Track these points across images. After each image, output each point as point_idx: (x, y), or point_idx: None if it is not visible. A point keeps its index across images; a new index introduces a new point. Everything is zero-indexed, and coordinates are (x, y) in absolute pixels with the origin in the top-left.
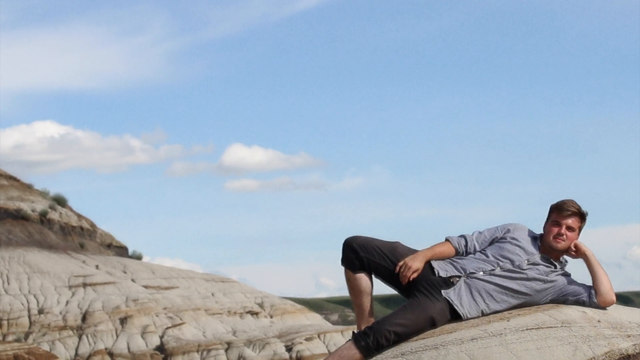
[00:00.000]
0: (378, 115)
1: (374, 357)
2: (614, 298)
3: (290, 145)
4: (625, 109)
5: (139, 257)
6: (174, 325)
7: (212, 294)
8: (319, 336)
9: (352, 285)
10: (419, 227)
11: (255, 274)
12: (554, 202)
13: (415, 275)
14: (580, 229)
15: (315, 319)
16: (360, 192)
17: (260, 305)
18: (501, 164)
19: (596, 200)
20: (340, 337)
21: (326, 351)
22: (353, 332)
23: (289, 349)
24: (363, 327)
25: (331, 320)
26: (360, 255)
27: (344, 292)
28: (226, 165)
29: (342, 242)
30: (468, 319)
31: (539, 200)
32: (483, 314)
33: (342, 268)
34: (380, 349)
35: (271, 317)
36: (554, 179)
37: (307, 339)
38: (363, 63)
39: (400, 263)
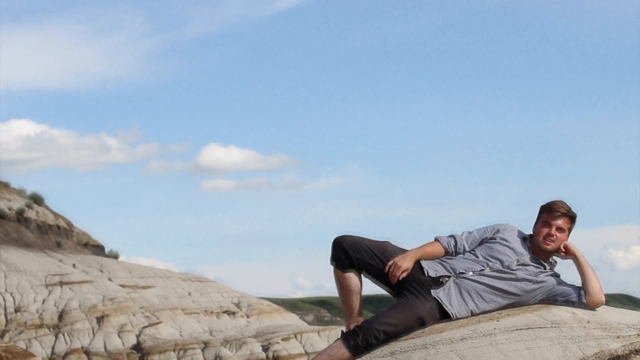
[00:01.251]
0: (354, 115)
1: (363, 357)
2: (604, 299)
3: (266, 145)
4: (605, 110)
5: (115, 256)
6: (151, 325)
7: (189, 294)
8: (295, 336)
9: (341, 284)
10: (395, 227)
11: (231, 273)
12: (537, 203)
13: (404, 274)
14: (570, 230)
15: (292, 319)
16: (336, 192)
17: (237, 305)
18: (478, 164)
19: (573, 202)
20: (317, 337)
21: (303, 351)
22: (342, 331)
23: (265, 348)
24: (352, 326)
25: (307, 320)
26: (350, 255)
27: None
28: (202, 165)
29: (332, 241)
30: (457, 318)
31: (516, 201)
32: (472, 314)
33: (319, 268)
34: (369, 348)
35: (248, 317)
36: (532, 180)
37: (284, 339)
38: (340, 63)
39: (390, 262)
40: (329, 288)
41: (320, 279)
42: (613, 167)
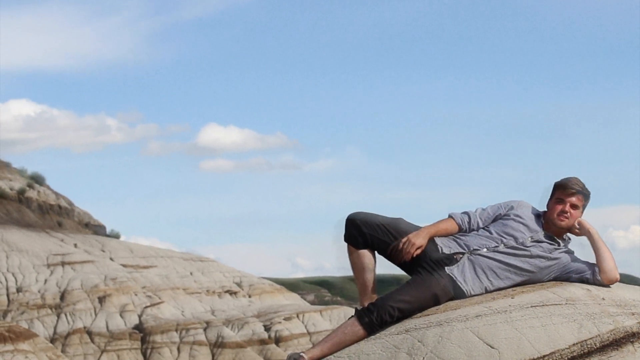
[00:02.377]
0: (353, 97)
1: (378, 334)
2: (618, 276)
3: (265, 125)
4: (604, 92)
5: (116, 236)
6: (153, 305)
7: (191, 273)
8: (297, 316)
9: (354, 262)
10: (392, 209)
11: (230, 254)
12: (536, 185)
13: (418, 251)
14: (584, 207)
15: (293, 299)
16: (334, 173)
17: (239, 284)
18: (477, 148)
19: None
20: (319, 317)
21: (305, 331)
22: (356, 309)
23: (267, 328)
24: (366, 304)
25: (307, 301)
26: (363, 232)
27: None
28: (201, 145)
29: (345, 218)
30: (471, 295)
31: (515, 184)
32: (487, 291)
33: (318, 249)
34: (383, 325)
35: (250, 296)
36: (531, 162)
37: (285, 319)
38: (339, 44)
39: (404, 239)
40: (329, 268)
41: (320, 260)
42: (612, 149)
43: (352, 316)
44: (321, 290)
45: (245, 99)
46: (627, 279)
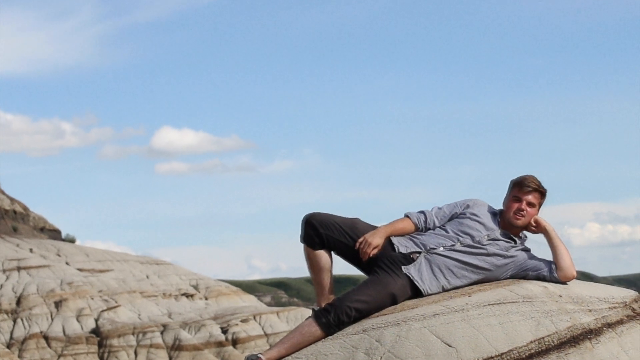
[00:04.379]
0: (308, 97)
1: (335, 334)
2: (575, 273)
3: (220, 127)
4: (560, 89)
5: (72, 240)
6: (109, 308)
7: (147, 277)
8: (254, 317)
9: (311, 262)
10: (349, 209)
11: (187, 256)
12: (492, 182)
13: (375, 251)
14: (540, 205)
15: (250, 301)
16: (290, 175)
17: (195, 287)
18: (430, 145)
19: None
20: (276, 318)
21: (262, 332)
22: (313, 309)
23: (224, 330)
24: (323, 304)
25: (264, 302)
26: (320, 232)
27: (276, 274)
28: (156, 148)
29: (302, 218)
30: (429, 294)
31: (469, 181)
32: (444, 290)
33: (275, 250)
34: (341, 325)
35: (206, 299)
36: (487, 160)
37: (242, 321)
38: (293, 45)
39: (360, 239)
40: (285, 270)
41: (276, 261)
42: (568, 146)
43: (310, 317)
44: (278, 291)
45: (200, 102)
46: (582, 277)
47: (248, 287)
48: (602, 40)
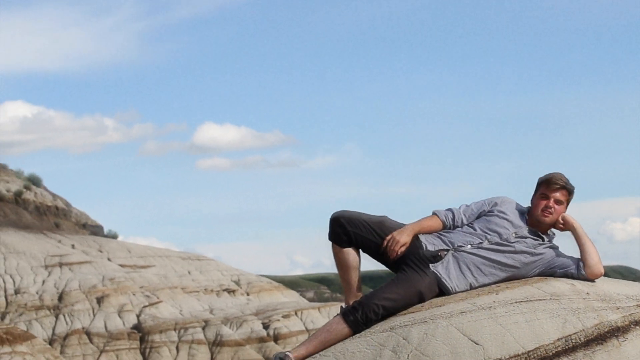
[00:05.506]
0: (350, 92)
1: (363, 332)
2: (602, 270)
3: (263, 122)
4: (601, 85)
5: (114, 236)
6: (151, 304)
7: (189, 272)
8: (296, 313)
9: (339, 260)
10: (391, 205)
11: (229, 252)
12: (535, 177)
13: (403, 249)
14: (568, 202)
15: (291, 297)
16: (332, 170)
17: (237, 283)
18: (473, 141)
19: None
20: (318, 314)
21: (303, 328)
22: (341, 307)
23: (266, 326)
24: (351, 302)
25: (307, 298)
26: (348, 230)
27: (319, 270)
28: (198, 144)
29: (329, 217)
30: (456, 292)
31: (512, 176)
32: (471, 288)
33: (317, 246)
34: (369, 323)
35: (248, 294)
36: (529, 155)
37: (284, 317)
38: (335, 40)
39: (388, 237)
40: (328, 265)
41: (319, 257)
42: (611, 141)
43: (338, 315)
44: (320, 287)
45: (242, 97)
46: (625, 271)
47: (291, 283)
48: None
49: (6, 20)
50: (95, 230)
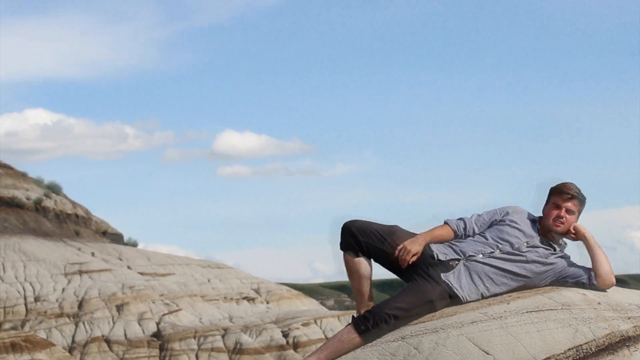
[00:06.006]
0: (369, 101)
1: (374, 341)
2: (614, 280)
3: (282, 130)
4: (618, 91)
5: (134, 244)
6: (171, 312)
7: (208, 280)
8: (315, 321)
9: (351, 269)
10: (410, 212)
11: (250, 259)
12: (552, 185)
13: (414, 258)
14: (579, 212)
15: (311, 304)
16: (352, 178)
17: (257, 291)
18: (492, 148)
19: (591, 183)
20: (337, 322)
21: (323, 336)
22: (352, 316)
23: (285, 334)
24: (362, 311)
25: (327, 306)
26: (359, 239)
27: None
28: (218, 152)
29: (341, 226)
30: (468, 302)
31: (531, 183)
32: (483, 297)
33: (338, 253)
34: (380, 333)
35: (267, 302)
36: (546, 162)
37: (303, 325)
38: (353, 49)
39: (400, 247)
40: None
41: (340, 264)
42: (632, 147)
43: (349, 324)
44: (341, 295)
45: (262, 105)
46: None
47: (311, 291)
48: None
49: (26, 28)
50: (115, 238)
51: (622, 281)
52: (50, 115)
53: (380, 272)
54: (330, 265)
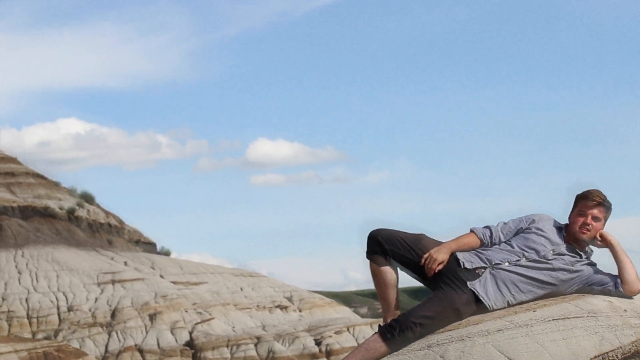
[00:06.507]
0: (402, 108)
1: (400, 350)
2: None
3: (315, 138)
4: None
5: (167, 253)
6: (203, 321)
7: (241, 289)
8: (348, 329)
9: (377, 278)
10: (443, 220)
11: (283, 268)
12: (580, 191)
13: (440, 267)
14: (605, 219)
15: (344, 312)
16: (385, 186)
17: (289, 299)
18: (525, 155)
19: (624, 190)
20: (370, 329)
21: (355, 344)
22: (379, 325)
23: (318, 342)
24: (389, 320)
25: (360, 313)
26: (385, 248)
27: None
28: (251, 160)
29: (367, 235)
30: (494, 310)
31: (564, 190)
32: (509, 305)
33: (368, 261)
34: (406, 341)
35: (300, 311)
36: (577, 168)
37: (336, 333)
38: (386, 57)
39: (426, 255)
40: None
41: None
42: None
43: (375, 333)
44: (374, 302)
45: (295, 113)
46: None
47: (345, 298)
48: None
49: (60, 38)
50: (149, 247)
51: None
52: (83, 124)
53: (412, 279)
54: (363, 273)
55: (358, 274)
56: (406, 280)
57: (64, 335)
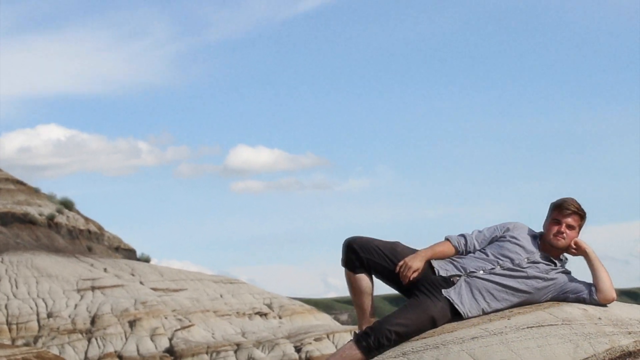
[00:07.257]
0: (383, 114)
1: (375, 357)
2: (615, 295)
3: (295, 144)
4: (628, 104)
5: (147, 260)
6: (183, 328)
7: (221, 296)
8: (328, 336)
9: (353, 285)
10: (424, 227)
11: (263, 275)
12: (557, 200)
13: (415, 275)
14: (580, 227)
15: (324, 319)
16: (366, 192)
17: (269, 306)
18: (505, 162)
19: (602, 197)
20: (350, 337)
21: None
22: (354, 333)
23: (298, 349)
24: (364, 327)
25: (340, 320)
26: (361, 256)
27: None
28: (232, 167)
29: (342, 243)
30: (469, 317)
31: (543, 197)
32: (484, 313)
33: (344, 269)
34: (381, 348)
35: (280, 317)
36: (558, 176)
37: (316, 340)
38: (367, 63)
39: (401, 263)
40: None
41: None
42: None
43: (350, 340)
44: (355, 309)
45: (275, 119)
46: None
47: (325, 306)
48: None
49: (39, 44)
50: (128, 254)
51: (636, 294)
52: (63, 130)
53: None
54: (343, 280)
55: (338, 281)
56: (386, 287)
57: (43, 341)
